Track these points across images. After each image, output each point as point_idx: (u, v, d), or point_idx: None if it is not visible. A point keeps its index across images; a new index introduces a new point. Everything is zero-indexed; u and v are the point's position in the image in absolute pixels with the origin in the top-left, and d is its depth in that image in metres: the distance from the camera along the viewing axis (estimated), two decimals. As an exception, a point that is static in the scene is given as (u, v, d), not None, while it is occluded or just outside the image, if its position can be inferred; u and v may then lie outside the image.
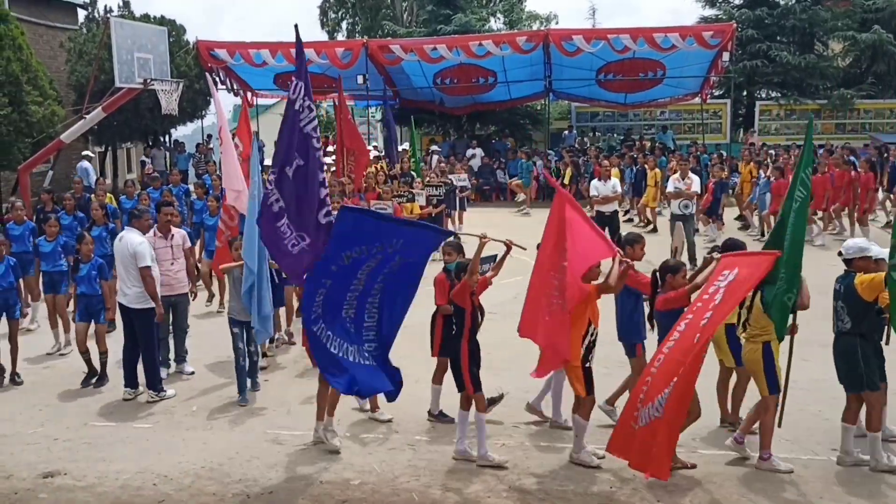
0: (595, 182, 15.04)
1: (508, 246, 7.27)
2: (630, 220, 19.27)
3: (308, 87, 6.93)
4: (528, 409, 7.76)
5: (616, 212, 14.99)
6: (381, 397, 7.47)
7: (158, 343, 8.87)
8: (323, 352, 6.73)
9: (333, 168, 18.89)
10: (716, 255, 6.96)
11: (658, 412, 6.10)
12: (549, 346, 6.75)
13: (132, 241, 8.49)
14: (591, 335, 6.77)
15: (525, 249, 7.35)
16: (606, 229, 14.23)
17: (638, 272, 7.21)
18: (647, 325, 7.39)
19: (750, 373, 6.86)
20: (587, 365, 6.76)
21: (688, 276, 7.05)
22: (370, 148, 23.33)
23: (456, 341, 7.07)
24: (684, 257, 13.24)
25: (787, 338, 6.65)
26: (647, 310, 7.35)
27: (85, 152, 23.94)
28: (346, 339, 6.81)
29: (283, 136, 6.96)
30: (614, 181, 15.09)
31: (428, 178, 17.39)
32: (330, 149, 23.17)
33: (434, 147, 26.02)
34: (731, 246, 7.38)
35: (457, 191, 17.50)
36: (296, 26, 7.25)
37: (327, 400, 7.25)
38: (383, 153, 23.47)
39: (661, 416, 6.09)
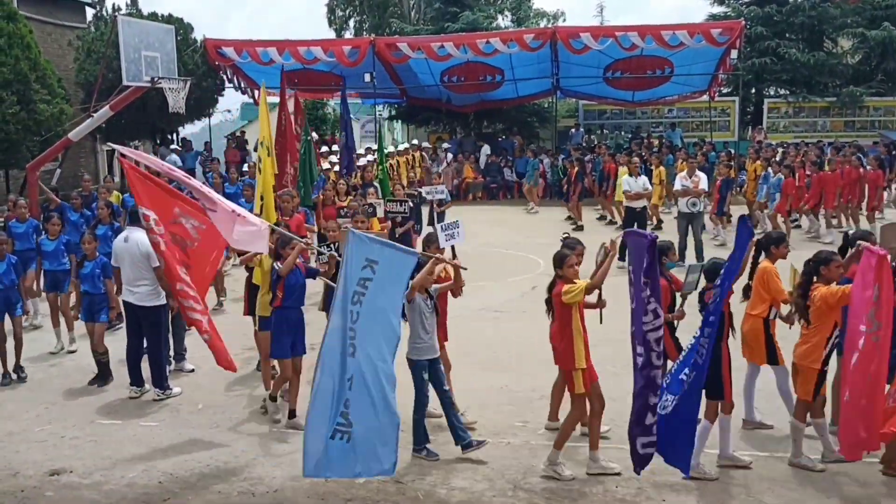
0: (627, 178, 15.29)
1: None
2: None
3: None
4: (744, 427, 7.38)
5: (645, 208, 15.22)
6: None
7: (165, 341, 8.88)
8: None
9: (337, 168, 18.86)
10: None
11: None
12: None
13: (143, 241, 8.48)
14: (836, 337, 6.54)
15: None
16: (636, 225, 14.33)
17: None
18: None
19: None
20: (825, 368, 6.56)
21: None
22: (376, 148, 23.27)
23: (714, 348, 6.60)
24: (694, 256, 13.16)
25: None
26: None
27: (173, 146, 24.04)
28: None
29: None
30: (644, 178, 15.33)
31: (393, 191, 14.54)
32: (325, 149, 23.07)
33: (445, 144, 25.94)
34: (862, 236, 7.19)
35: (434, 204, 14.73)
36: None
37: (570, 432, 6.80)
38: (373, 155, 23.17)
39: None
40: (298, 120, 16.88)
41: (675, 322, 7.06)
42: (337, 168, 17.83)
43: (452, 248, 7.56)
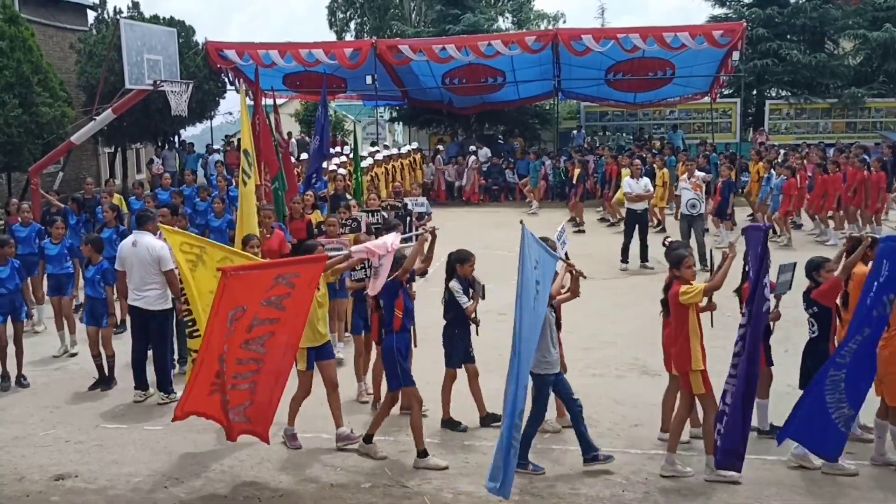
0: (628, 180, 15.34)
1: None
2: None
3: None
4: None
5: (647, 209, 15.25)
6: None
7: (171, 346, 8.88)
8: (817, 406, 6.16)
9: (342, 172, 18.66)
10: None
11: None
12: None
13: (153, 245, 8.46)
14: None
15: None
16: (637, 227, 14.35)
17: None
18: None
19: None
20: None
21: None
22: (382, 148, 23.18)
23: (820, 345, 6.73)
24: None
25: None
26: None
27: (217, 146, 24.01)
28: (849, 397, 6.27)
29: None
30: (646, 180, 15.39)
31: (367, 201, 13.12)
32: (337, 149, 23.02)
33: (472, 147, 25.44)
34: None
35: (413, 217, 13.20)
36: None
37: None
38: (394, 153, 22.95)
39: None
40: (275, 122, 15.88)
41: (772, 324, 6.98)
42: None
43: (566, 254, 7.40)
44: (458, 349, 7.59)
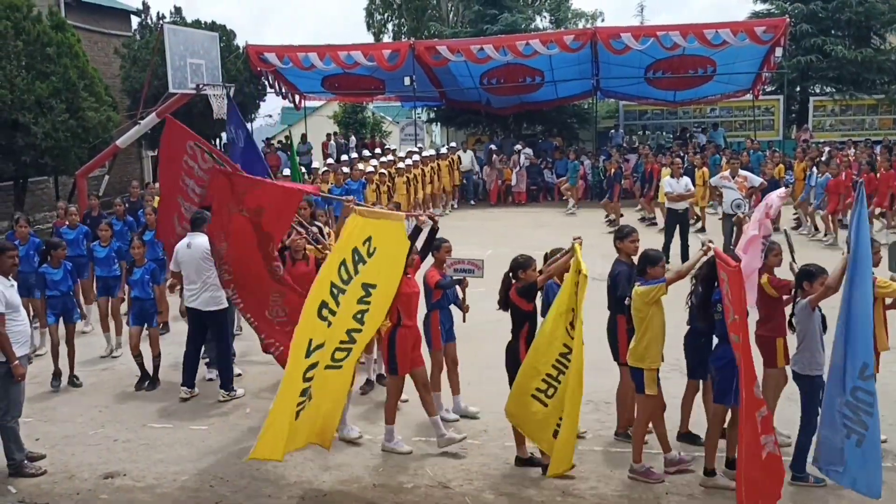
0: (669, 179, 15.14)
1: None
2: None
3: None
4: None
5: (687, 209, 15.04)
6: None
7: (231, 344, 9.10)
8: None
9: (382, 171, 18.79)
10: None
11: None
12: None
13: (203, 245, 8.58)
14: None
15: None
16: (678, 227, 14.15)
17: None
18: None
19: None
20: None
21: None
22: (412, 150, 23.04)
23: None
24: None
25: None
26: None
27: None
28: None
29: None
30: (686, 179, 15.16)
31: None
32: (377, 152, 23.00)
33: (517, 146, 24.99)
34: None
35: None
36: None
37: None
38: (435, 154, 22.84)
39: None
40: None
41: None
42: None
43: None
44: (704, 360, 6.77)
